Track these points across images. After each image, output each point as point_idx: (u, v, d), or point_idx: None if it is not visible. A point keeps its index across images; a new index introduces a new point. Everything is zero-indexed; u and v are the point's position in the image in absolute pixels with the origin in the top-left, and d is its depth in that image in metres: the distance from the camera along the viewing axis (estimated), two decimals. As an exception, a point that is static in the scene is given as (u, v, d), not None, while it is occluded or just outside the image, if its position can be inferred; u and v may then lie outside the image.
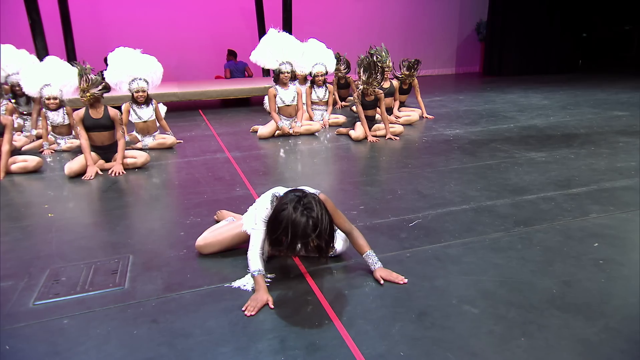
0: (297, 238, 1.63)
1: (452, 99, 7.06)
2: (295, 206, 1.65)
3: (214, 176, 3.49)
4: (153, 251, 2.27)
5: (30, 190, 3.38)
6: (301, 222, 1.62)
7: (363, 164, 3.92)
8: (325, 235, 1.67)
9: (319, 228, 1.64)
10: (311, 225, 1.63)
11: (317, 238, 1.65)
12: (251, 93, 6.84)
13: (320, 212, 1.66)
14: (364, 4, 10.19)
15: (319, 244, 1.68)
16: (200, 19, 9.05)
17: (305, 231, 1.63)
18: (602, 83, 8.25)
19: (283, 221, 1.63)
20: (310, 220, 1.63)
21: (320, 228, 1.64)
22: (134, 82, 4.25)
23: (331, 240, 1.72)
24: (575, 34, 10.34)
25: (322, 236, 1.66)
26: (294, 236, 1.63)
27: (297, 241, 1.64)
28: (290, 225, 1.62)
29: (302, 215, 1.63)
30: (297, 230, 1.62)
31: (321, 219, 1.65)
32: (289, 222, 1.62)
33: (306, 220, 1.63)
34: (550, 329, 1.59)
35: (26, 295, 1.90)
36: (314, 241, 1.66)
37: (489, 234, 2.34)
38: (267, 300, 1.78)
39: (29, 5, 6.13)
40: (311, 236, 1.63)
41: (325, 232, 1.67)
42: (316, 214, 1.65)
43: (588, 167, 3.43)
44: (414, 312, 1.70)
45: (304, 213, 1.64)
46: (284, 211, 1.65)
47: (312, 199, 1.69)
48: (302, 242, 1.65)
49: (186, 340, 1.59)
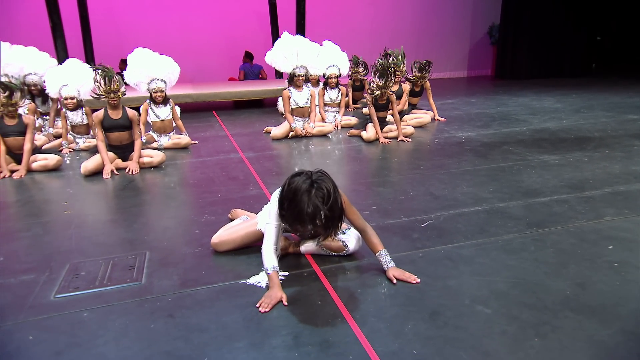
0: (305, 212, 1.64)
1: (464, 102, 7.03)
2: (305, 180, 1.69)
3: (228, 176, 3.54)
4: (169, 248, 2.32)
5: (50, 188, 3.47)
6: (310, 194, 1.65)
7: (375, 165, 3.94)
8: (334, 210, 1.69)
9: (328, 202, 1.66)
10: (320, 198, 1.66)
11: (329, 211, 1.66)
12: (264, 95, 6.91)
13: (330, 186, 1.70)
14: (376, 7, 10.21)
15: (327, 220, 1.69)
16: (214, 22, 9.17)
17: (315, 203, 1.64)
18: (616, 87, 8.14)
19: (293, 194, 1.67)
20: (319, 192, 1.66)
21: (330, 201, 1.67)
22: (152, 82, 4.35)
23: (340, 217, 1.75)
24: (589, 38, 10.22)
25: (332, 210, 1.68)
26: (302, 210, 1.64)
27: (304, 216, 1.66)
28: (299, 197, 1.65)
29: (311, 187, 1.66)
30: (304, 202, 1.64)
31: (330, 192, 1.68)
32: (297, 193, 1.66)
33: (315, 192, 1.66)
34: (565, 330, 1.59)
35: (47, 288, 1.95)
36: (323, 215, 1.66)
37: (501, 236, 2.33)
38: (281, 297, 1.80)
39: (50, 9, 6.31)
40: (320, 208, 1.65)
41: (335, 206, 1.69)
42: (325, 187, 1.68)
43: (602, 170, 3.40)
44: (427, 312, 1.71)
45: (313, 185, 1.67)
46: (293, 184, 1.69)
47: (322, 174, 1.73)
48: (311, 215, 1.65)
49: (202, 334, 1.63)
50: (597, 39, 10.47)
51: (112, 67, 3.81)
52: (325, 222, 1.70)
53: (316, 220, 1.68)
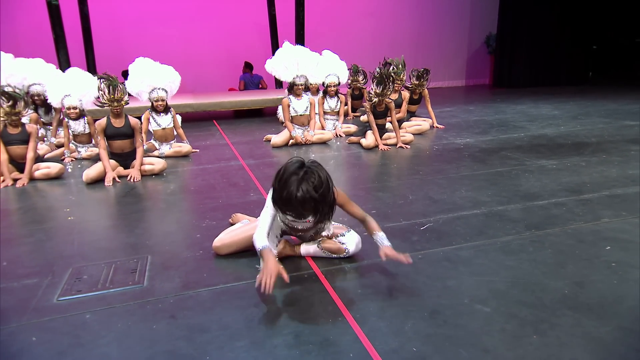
0: (294, 195, 1.69)
1: (463, 110, 7.10)
2: (297, 166, 1.75)
3: (229, 182, 3.57)
4: (170, 252, 2.34)
5: (53, 195, 3.50)
6: (301, 178, 1.71)
7: (374, 171, 3.97)
8: (325, 196, 1.74)
9: (320, 188, 1.71)
10: (310, 183, 1.70)
11: (319, 196, 1.71)
12: (264, 104, 6.98)
13: (322, 173, 1.75)
14: (375, 17, 10.36)
15: (316, 205, 1.73)
16: (215, 34, 9.30)
17: (305, 187, 1.69)
18: (612, 94, 8.22)
19: (284, 177, 1.73)
20: (311, 178, 1.71)
21: (322, 188, 1.72)
22: (153, 91, 4.41)
23: (331, 205, 1.81)
24: (585, 46, 10.35)
25: (323, 196, 1.73)
26: (291, 193, 1.70)
27: (293, 200, 1.70)
28: (290, 181, 1.71)
29: (303, 173, 1.72)
30: (294, 186, 1.69)
31: (322, 179, 1.73)
32: (289, 178, 1.71)
33: (306, 176, 1.72)
34: (563, 327, 1.60)
35: (50, 291, 1.97)
36: (312, 200, 1.71)
37: (500, 237, 2.36)
38: (278, 270, 1.74)
39: (53, 21, 6.42)
40: (310, 193, 1.69)
41: (326, 193, 1.74)
42: (317, 173, 1.73)
43: (599, 174, 3.44)
44: (426, 311, 1.73)
45: (305, 171, 1.73)
46: (285, 169, 1.75)
47: (316, 163, 1.78)
48: (300, 200, 1.69)
49: (203, 334, 1.64)
50: (593, 48, 10.59)
51: (115, 76, 3.87)
52: (314, 207, 1.74)
53: (305, 204, 1.72)
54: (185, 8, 9.06)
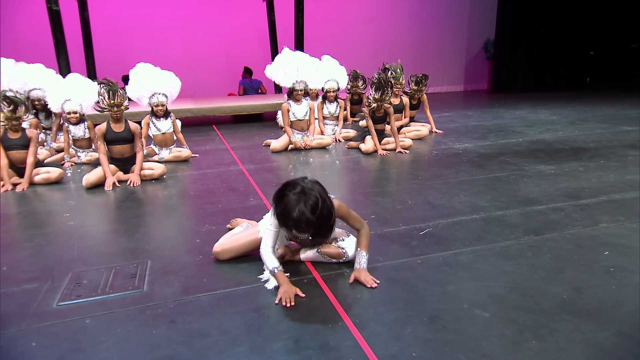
0: (290, 219, 1.73)
1: (461, 115, 7.13)
2: (296, 187, 1.76)
3: (228, 187, 3.58)
4: (170, 257, 2.34)
5: (52, 200, 3.50)
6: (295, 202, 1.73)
7: (373, 176, 3.99)
8: (321, 219, 1.75)
9: (316, 210, 1.73)
10: (308, 205, 1.72)
11: (316, 219, 1.73)
12: (263, 109, 7.00)
13: (319, 195, 1.76)
14: (374, 23, 10.43)
15: (312, 226, 1.76)
16: (215, 39, 9.35)
17: (301, 209, 1.71)
18: (610, 100, 8.27)
19: (282, 200, 1.75)
20: (308, 200, 1.73)
21: (318, 210, 1.73)
22: (154, 96, 4.43)
23: (328, 226, 1.83)
24: (583, 52, 10.42)
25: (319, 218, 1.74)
26: (289, 217, 1.73)
27: (289, 221, 1.74)
28: (287, 203, 1.73)
29: (301, 194, 1.74)
30: (291, 210, 1.72)
31: (318, 201, 1.74)
32: (286, 200, 1.74)
33: (304, 198, 1.73)
34: (562, 332, 1.61)
35: (50, 296, 1.97)
36: (309, 222, 1.73)
37: (499, 242, 2.37)
38: (295, 291, 1.88)
39: (54, 27, 6.44)
40: (306, 215, 1.71)
41: (322, 214, 1.75)
42: (314, 195, 1.75)
43: (597, 179, 3.45)
44: (426, 316, 1.73)
45: (303, 192, 1.74)
46: (284, 191, 1.77)
47: (314, 183, 1.80)
48: (296, 220, 1.72)
49: (203, 339, 1.64)
50: (590, 54, 10.67)
51: (116, 82, 3.89)
52: (309, 228, 1.77)
53: (301, 225, 1.74)
54: (185, 13, 9.11)
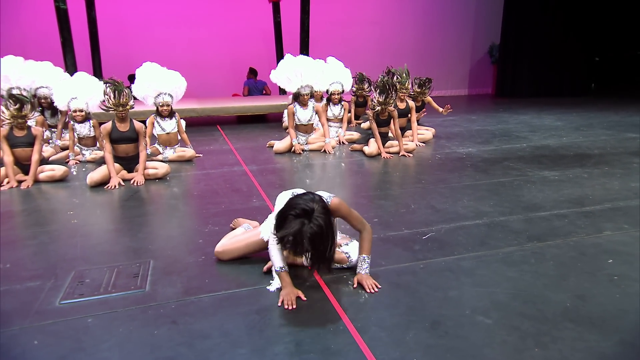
0: (293, 244, 1.67)
1: (465, 119, 7.12)
2: (300, 211, 1.68)
3: (232, 188, 3.59)
4: (173, 257, 2.35)
5: (57, 198, 3.51)
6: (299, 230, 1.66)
7: (377, 179, 3.98)
8: (321, 249, 1.70)
9: (315, 239, 1.66)
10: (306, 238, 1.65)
11: (313, 249, 1.69)
12: (268, 110, 7.01)
13: (321, 222, 1.68)
14: (379, 26, 10.43)
15: (314, 256, 1.72)
16: (220, 40, 9.38)
17: (302, 240, 1.65)
18: (615, 106, 8.23)
19: (285, 224, 1.69)
20: (306, 233, 1.66)
21: (314, 244, 1.67)
22: (159, 96, 4.45)
23: (328, 257, 1.75)
24: (588, 58, 10.39)
25: (316, 251, 1.70)
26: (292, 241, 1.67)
27: (288, 245, 1.69)
28: (291, 231, 1.66)
29: (302, 224, 1.66)
30: (295, 236, 1.66)
31: (323, 229, 1.68)
32: (289, 227, 1.67)
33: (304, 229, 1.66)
34: (565, 341, 1.60)
35: (53, 295, 1.98)
36: (309, 251, 1.69)
37: (502, 248, 2.36)
38: (297, 293, 1.88)
39: (61, 25, 6.48)
40: (305, 246, 1.66)
41: (321, 244, 1.69)
42: (316, 223, 1.67)
43: (602, 186, 3.44)
44: (428, 321, 1.73)
45: (304, 222, 1.66)
46: (289, 215, 1.70)
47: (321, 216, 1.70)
48: (297, 249, 1.68)
49: (204, 341, 1.64)
50: (595, 60, 10.63)
51: (122, 81, 3.91)
52: (307, 253, 1.72)
53: (297, 247, 1.68)
54: (191, 14, 9.14)
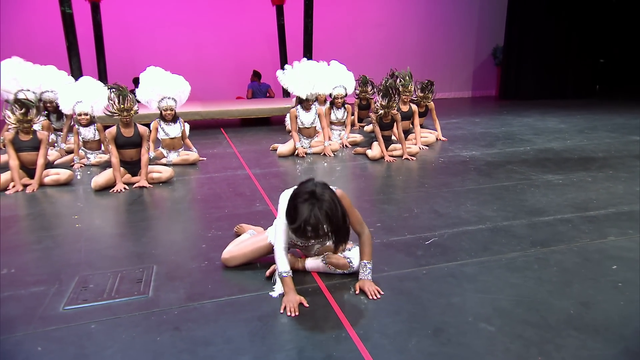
0: (308, 227, 1.73)
1: (469, 122, 7.10)
2: (308, 197, 1.75)
3: (235, 192, 3.60)
4: (176, 262, 2.35)
5: (61, 202, 3.54)
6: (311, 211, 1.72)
7: (380, 183, 3.98)
8: (336, 226, 1.77)
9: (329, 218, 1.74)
10: (321, 216, 1.72)
11: (329, 226, 1.75)
12: (271, 113, 7.02)
13: (332, 199, 1.77)
14: (383, 29, 10.43)
15: (334, 232, 1.79)
16: (224, 43, 9.40)
17: (318, 219, 1.72)
18: (619, 108, 8.18)
19: (297, 213, 1.74)
20: (319, 211, 1.73)
21: (330, 218, 1.74)
22: (163, 100, 4.47)
23: (345, 228, 1.83)
24: (593, 60, 10.34)
25: (333, 225, 1.76)
26: (306, 225, 1.73)
27: (308, 231, 1.74)
28: (302, 214, 1.73)
29: (313, 205, 1.73)
30: (308, 218, 1.72)
31: (333, 206, 1.76)
32: (301, 214, 1.73)
33: (316, 209, 1.72)
34: (568, 349, 1.59)
35: (57, 300, 1.99)
36: (324, 230, 1.75)
37: (505, 254, 2.35)
38: (299, 300, 1.89)
39: (67, 29, 6.53)
40: (323, 224, 1.73)
41: (336, 222, 1.76)
42: (327, 202, 1.75)
43: (606, 190, 3.42)
44: (430, 328, 1.72)
45: (314, 203, 1.73)
46: (297, 204, 1.76)
47: (324, 189, 1.80)
48: (318, 232, 1.73)
49: (207, 348, 1.65)
50: (600, 62, 10.57)
51: (126, 86, 3.93)
52: (327, 233, 1.78)
53: (319, 232, 1.75)
54: (195, 17, 9.18)
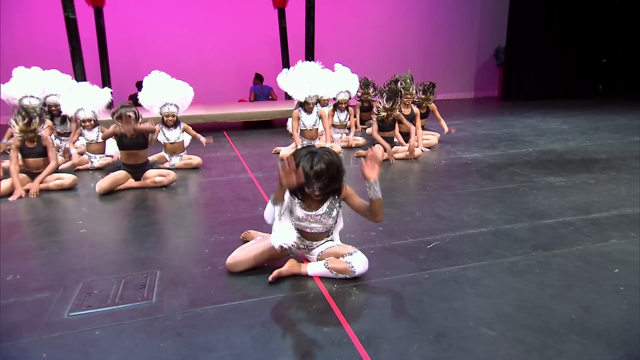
0: (309, 169, 1.97)
1: (471, 123, 7.09)
2: (308, 151, 2.04)
3: (238, 196, 3.61)
4: (179, 267, 2.37)
5: (66, 207, 3.56)
6: (310, 156, 1.99)
7: (382, 186, 3.92)
8: (334, 166, 2.03)
9: (330, 165, 2.00)
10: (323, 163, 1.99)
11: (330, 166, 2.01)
12: (274, 116, 7.05)
13: (330, 154, 2.04)
14: (384, 30, 10.44)
15: (329, 182, 2.04)
16: (226, 46, 9.46)
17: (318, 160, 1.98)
18: (622, 108, 8.15)
19: (301, 158, 2.00)
20: (323, 155, 2.01)
21: (330, 164, 2.01)
22: (165, 106, 4.49)
23: (339, 187, 2.14)
24: (595, 60, 10.30)
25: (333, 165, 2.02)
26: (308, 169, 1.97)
27: (310, 172, 1.97)
28: (304, 160, 1.99)
29: (312, 153, 2.01)
30: (308, 162, 1.97)
31: (330, 155, 2.04)
32: (304, 158, 2.00)
33: (318, 158, 1.99)
34: (570, 354, 1.60)
35: (61, 306, 2.01)
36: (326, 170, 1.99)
37: (507, 258, 2.35)
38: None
39: (70, 34, 6.58)
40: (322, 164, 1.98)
41: (336, 163, 2.05)
42: (325, 151, 2.04)
43: (608, 192, 3.41)
44: (432, 333, 1.73)
45: (314, 153, 2.01)
46: (298, 155, 2.03)
47: (324, 150, 2.07)
48: (316, 173, 1.97)
49: (209, 354, 1.66)
50: (602, 61, 10.54)
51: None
52: (326, 173, 2.00)
53: (321, 176, 1.99)
54: (198, 20, 9.22)
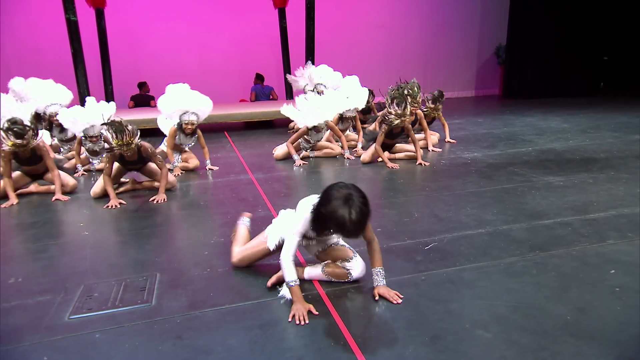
0: (346, 231, 1.81)
1: (471, 122, 7.09)
2: (346, 202, 1.80)
3: (238, 197, 3.63)
4: (179, 270, 2.39)
5: (66, 210, 3.59)
6: (352, 218, 1.77)
7: (381, 187, 4.00)
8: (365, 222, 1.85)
9: (365, 208, 1.82)
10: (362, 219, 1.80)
11: (365, 219, 1.82)
12: (275, 116, 7.05)
13: (366, 205, 1.83)
14: (385, 29, 10.43)
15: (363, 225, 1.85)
16: (227, 46, 9.47)
17: (358, 224, 1.78)
18: (623, 106, 8.13)
19: (334, 215, 1.79)
20: (361, 214, 1.79)
21: (367, 206, 1.84)
22: (185, 114, 4.42)
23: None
24: (596, 57, 10.27)
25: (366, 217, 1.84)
26: (342, 228, 1.80)
27: (345, 233, 1.84)
28: (340, 220, 1.77)
29: (355, 212, 1.78)
30: (348, 225, 1.77)
31: (366, 201, 1.85)
32: (338, 216, 1.78)
33: (358, 215, 1.78)
34: (564, 356, 1.61)
35: (62, 309, 2.03)
36: (365, 220, 1.83)
37: (504, 259, 2.37)
38: (308, 308, 1.93)
39: (72, 36, 6.60)
40: (361, 219, 1.79)
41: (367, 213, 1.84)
42: (366, 208, 1.82)
43: (607, 192, 3.42)
44: (428, 335, 1.75)
45: (355, 208, 1.78)
46: (335, 204, 1.80)
47: (359, 194, 1.85)
48: (356, 227, 1.79)
49: (208, 357, 1.68)
50: (604, 59, 10.50)
51: (121, 119, 3.61)
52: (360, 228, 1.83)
53: (362, 225, 1.81)
54: (198, 21, 9.24)
